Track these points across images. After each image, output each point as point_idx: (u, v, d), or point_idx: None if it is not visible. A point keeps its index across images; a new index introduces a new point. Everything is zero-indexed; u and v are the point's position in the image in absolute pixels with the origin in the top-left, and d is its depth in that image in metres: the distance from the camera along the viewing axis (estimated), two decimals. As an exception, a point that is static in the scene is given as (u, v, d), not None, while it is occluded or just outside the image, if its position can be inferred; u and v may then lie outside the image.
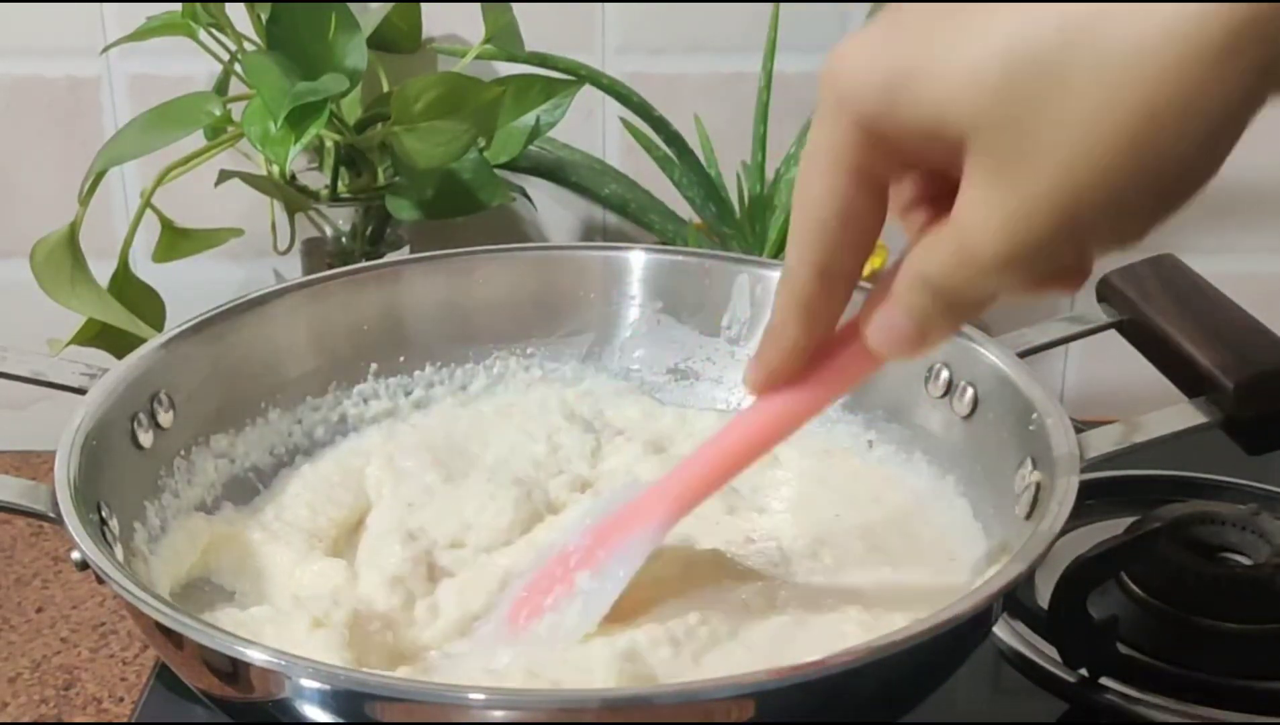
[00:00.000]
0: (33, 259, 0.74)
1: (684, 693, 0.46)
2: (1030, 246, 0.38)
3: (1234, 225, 0.91)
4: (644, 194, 0.85)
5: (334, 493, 0.67)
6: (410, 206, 0.79)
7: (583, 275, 0.75)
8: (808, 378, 0.48)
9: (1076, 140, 0.36)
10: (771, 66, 0.80)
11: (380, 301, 0.73)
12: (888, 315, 0.44)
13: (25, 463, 0.87)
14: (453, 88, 0.74)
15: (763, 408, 0.50)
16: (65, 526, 0.52)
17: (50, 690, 0.68)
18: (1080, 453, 0.56)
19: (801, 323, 0.46)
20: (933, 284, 0.41)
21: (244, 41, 0.78)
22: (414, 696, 0.46)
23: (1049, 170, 0.36)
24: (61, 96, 0.87)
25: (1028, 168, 0.37)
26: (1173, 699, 0.62)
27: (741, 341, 0.74)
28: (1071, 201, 0.37)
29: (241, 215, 0.84)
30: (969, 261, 0.39)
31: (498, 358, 0.75)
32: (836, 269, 0.44)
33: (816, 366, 0.48)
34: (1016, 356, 0.64)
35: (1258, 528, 0.68)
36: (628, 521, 0.55)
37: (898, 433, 0.68)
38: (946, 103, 0.37)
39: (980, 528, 0.62)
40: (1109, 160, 0.36)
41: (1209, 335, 0.62)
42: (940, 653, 0.51)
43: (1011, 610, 0.66)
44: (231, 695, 0.49)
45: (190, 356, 0.65)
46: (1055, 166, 0.36)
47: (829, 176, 0.42)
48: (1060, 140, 0.36)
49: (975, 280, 0.40)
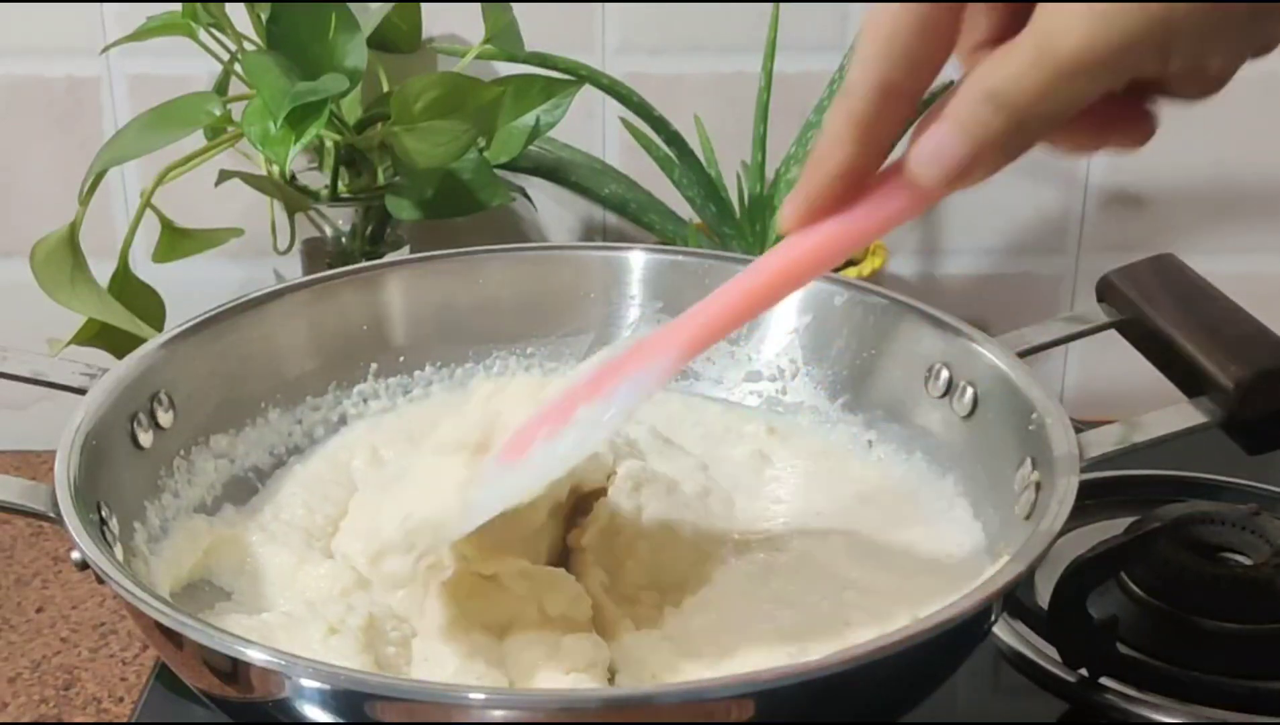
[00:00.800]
0: (33, 259, 0.74)
1: (684, 692, 0.46)
2: (1115, 43, 0.36)
3: (1234, 225, 0.91)
4: (644, 194, 0.85)
5: (327, 489, 0.67)
6: (410, 206, 0.79)
7: (583, 275, 0.75)
8: (842, 212, 0.45)
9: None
10: (771, 66, 0.80)
11: (380, 301, 0.73)
12: (938, 135, 0.41)
13: (25, 463, 0.87)
14: (453, 88, 0.74)
15: (790, 243, 0.47)
16: (65, 526, 0.52)
17: (50, 690, 0.68)
18: (1080, 453, 0.56)
19: (854, 142, 0.43)
20: (999, 94, 0.39)
21: (244, 41, 0.78)
22: (414, 696, 0.46)
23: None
24: (61, 96, 0.87)
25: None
26: (1173, 699, 0.62)
27: (741, 341, 0.74)
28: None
29: (241, 215, 0.84)
30: (1045, 60, 0.38)
31: (498, 358, 0.75)
32: (899, 87, 0.42)
33: (854, 203, 0.45)
34: (1016, 356, 0.64)
35: (1258, 528, 0.68)
36: (637, 357, 0.51)
37: (898, 433, 0.68)
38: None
39: (980, 528, 0.62)
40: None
41: (1209, 335, 0.62)
42: (940, 653, 0.51)
43: (1011, 610, 0.66)
44: (231, 695, 0.49)
45: (190, 356, 0.65)
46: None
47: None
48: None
49: (1049, 85, 0.38)
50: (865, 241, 0.47)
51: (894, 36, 0.41)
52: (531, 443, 0.51)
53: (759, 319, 0.72)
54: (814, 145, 0.44)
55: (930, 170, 0.42)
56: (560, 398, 0.52)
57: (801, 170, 0.44)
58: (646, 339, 0.51)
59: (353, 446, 0.69)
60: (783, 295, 0.49)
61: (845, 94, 0.43)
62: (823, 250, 0.46)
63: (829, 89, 0.80)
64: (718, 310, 0.49)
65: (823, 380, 0.71)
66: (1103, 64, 0.37)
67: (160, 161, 0.77)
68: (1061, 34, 0.37)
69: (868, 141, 0.43)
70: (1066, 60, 0.37)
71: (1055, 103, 0.39)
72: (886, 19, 0.41)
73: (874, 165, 0.44)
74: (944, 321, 0.67)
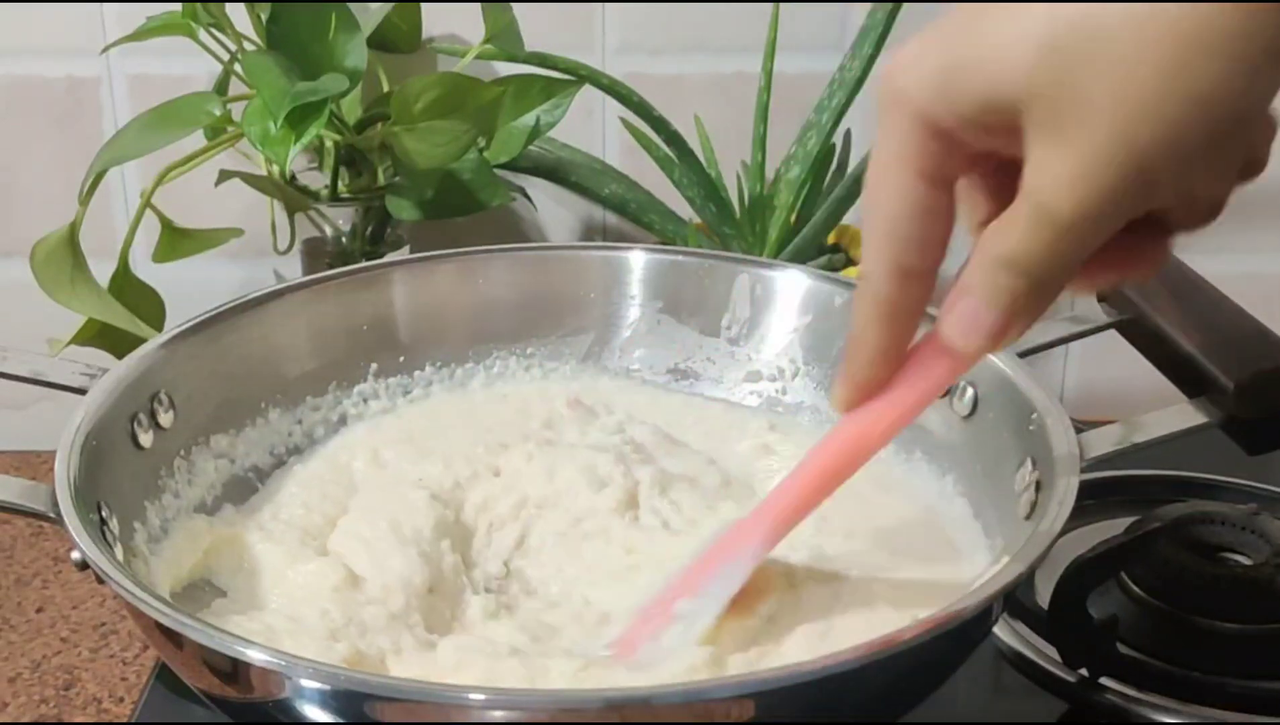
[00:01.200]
0: (33, 259, 0.74)
1: (684, 692, 0.46)
2: (1104, 197, 0.39)
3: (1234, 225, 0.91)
4: (644, 194, 0.85)
5: (327, 489, 0.66)
6: (410, 206, 0.79)
7: (583, 275, 0.75)
8: (892, 387, 0.48)
9: (1120, 84, 0.37)
10: (771, 66, 0.80)
11: (380, 301, 0.73)
12: (968, 308, 0.44)
13: (25, 463, 0.87)
14: (453, 88, 0.74)
15: (851, 421, 0.50)
16: (65, 526, 0.52)
17: (50, 690, 0.68)
18: (1080, 453, 0.56)
19: (882, 326, 0.46)
20: (1013, 261, 0.42)
21: (244, 41, 0.78)
22: (414, 696, 0.46)
23: (1103, 119, 0.38)
24: (61, 96, 0.87)
25: (1084, 121, 0.38)
26: (1173, 699, 0.62)
27: (741, 341, 0.74)
28: (1131, 144, 0.38)
29: (241, 215, 0.84)
30: (1048, 223, 0.40)
31: (498, 358, 0.75)
32: (913, 267, 0.45)
33: (900, 377, 0.48)
34: (1016, 356, 0.64)
35: (1258, 528, 0.68)
36: (726, 547, 0.55)
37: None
38: (997, 79, 0.39)
39: (980, 528, 0.62)
40: (1153, 94, 0.37)
41: (1209, 335, 0.62)
42: (940, 653, 0.51)
43: (1011, 610, 0.66)
44: (231, 695, 0.49)
45: (190, 356, 0.65)
46: (1108, 113, 0.38)
47: (897, 176, 0.43)
48: (1107, 89, 0.37)
49: (1057, 244, 0.40)
50: (919, 410, 0.50)
51: (896, 223, 0.44)
52: (639, 643, 0.54)
53: (759, 319, 0.73)
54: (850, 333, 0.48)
55: (970, 340, 0.45)
56: (660, 597, 0.55)
57: (801, 170, 0.45)
58: (731, 532, 0.55)
59: (353, 447, 0.70)
60: (851, 473, 0.52)
61: (865, 280, 0.46)
62: (881, 426, 0.50)
63: (829, 89, 0.80)
64: (792, 497, 0.53)
65: (823, 380, 0.71)
66: (1096, 216, 0.40)
67: (160, 161, 0.77)
68: (1052, 192, 0.40)
69: (895, 320, 0.46)
70: (1064, 220, 0.40)
71: (1065, 257, 0.41)
72: (883, 204, 0.44)
73: (907, 339, 0.47)
74: (944, 321, 0.67)
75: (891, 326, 0.47)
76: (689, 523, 0.63)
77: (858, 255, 0.84)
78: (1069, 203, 0.39)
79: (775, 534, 0.54)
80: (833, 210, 0.79)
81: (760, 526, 0.54)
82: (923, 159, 0.43)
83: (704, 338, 0.74)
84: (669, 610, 0.54)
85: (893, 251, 0.45)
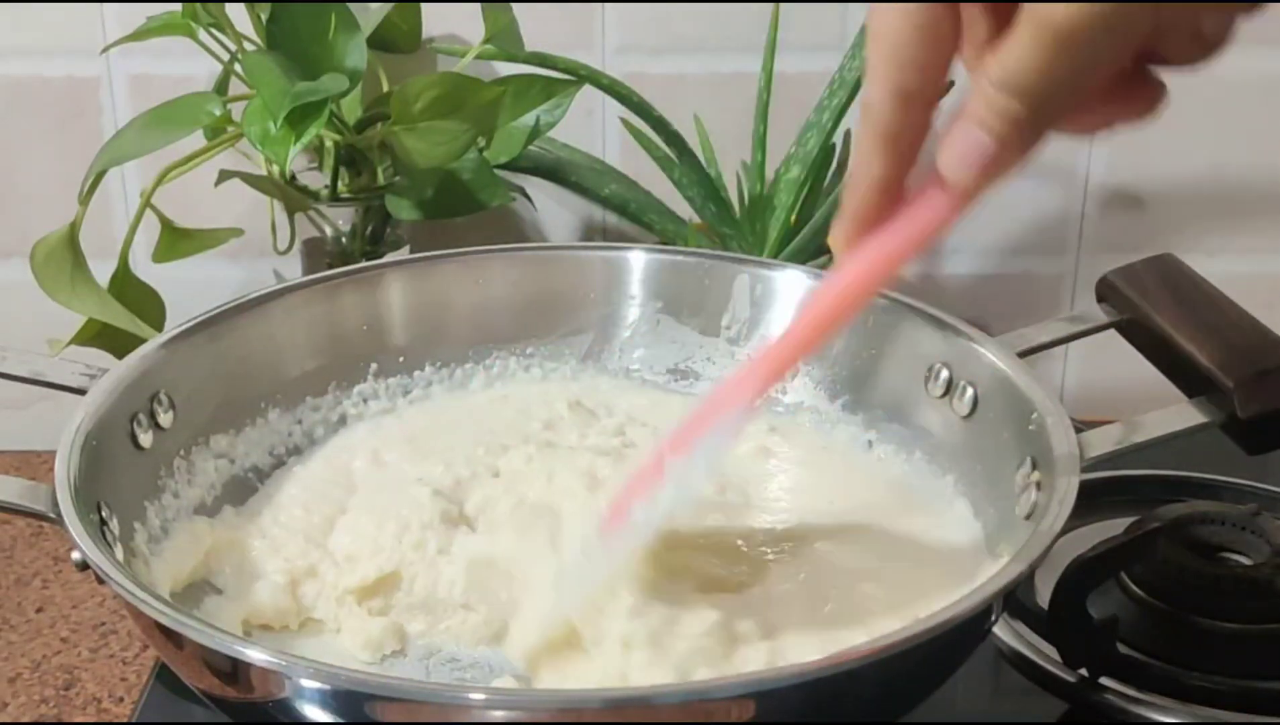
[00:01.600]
0: (33, 259, 0.74)
1: (684, 692, 0.46)
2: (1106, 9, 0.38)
3: (1234, 225, 0.91)
4: (644, 194, 0.85)
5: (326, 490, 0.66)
6: (410, 206, 0.79)
7: (583, 275, 0.75)
8: (890, 225, 0.47)
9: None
10: (771, 66, 0.80)
11: (380, 301, 0.73)
12: (962, 135, 0.43)
13: (25, 463, 0.87)
14: (453, 88, 0.74)
15: (850, 261, 0.48)
16: (65, 526, 0.52)
17: (50, 690, 0.68)
18: (1080, 453, 0.57)
19: (883, 153, 0.45)
20: (1010, 81, 0.41)
21: (244, 41, 0.78)
22: (414, 696, 0.46)
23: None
24: (61, 96, 0.87)
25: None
26: (1173, 699, 0.62)
27: (741, 341, 0.74)
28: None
29: (241, 215, 0.84)
30: (1044, 37, 0.39)
31: (497, 358, 0.75)
32: (915, 90, 0.44)
33: (895, 214, 0.47)
34: (1016, 356, 0.64)
35: (1258, 528, 0.68)
36: (717, 402, 0.53)
37: (898, 433, 0.68)
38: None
39: (980, 528, 0.62)
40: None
41: (1209, 335, 0.62)
42: (940, 653, 0.51)
43: (1011, 610, 0.66)
44: (231, 695, 0.49)
45: (190, 356, 0.65)
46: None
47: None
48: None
49: (1054, 59, 0.39)
50: (915, 250, 0.47)
51: (897, 43, 0.43)
52: (629, 510, 0.54)
53: (759, 319, 0.73)
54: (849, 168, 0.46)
55: (962, 170, 0.43)
56: (649, 459, 0.54)
57: (801, 170, 0.45)
58: (720, 385, 0.53)
59: (353, 448, 0.69)
60: (848, 316, 0.50)
61: (866, 108, 0.45)
62: (876, 265, 0.48)
63: (829, 89, 0.79)
64: (788, 342, 0.52)
65: (823, 380, 0.71)
66: (1098, 28, 0.38)
67: (160, 161, 0.77)
68: (1052, 13, 0.39)
69: (896, 150, 0.45)
70: (1064, 31, 0.39)
71: (1065, 76, 0.40)
72: (887, 27, 0.43)
73: (906, 170, 0.46)
74: (944, 321, 0.67)
75: (892, 154, 0.45)
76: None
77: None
78: (1069, 13, 0.38)
79: (767, 383, 0.52)
80: (832, 210, 0.79)
81: (753, 377, 0.52)
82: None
83: (704, 338, 0.74)
84: (659, 469, 0.53)
85: (896, 75, 0.44)
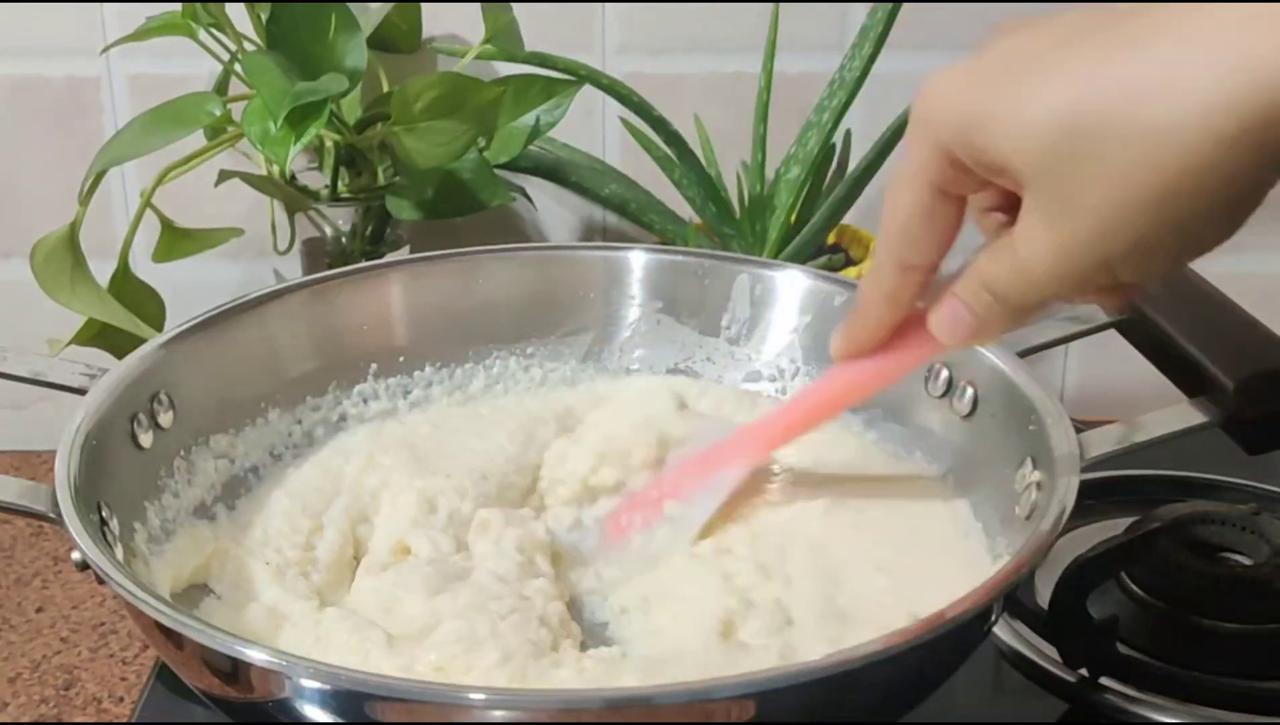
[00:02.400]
0: (33, 259, 0.74)
1: (684, 692, 0.46)
2: (1072, 273, 0.46)
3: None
4: (644, 194, 0.85)
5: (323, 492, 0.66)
6: (410, 206, 0.79)
7: (583, 275, 0.75)
8: (884, 351, 0.56)
9: (1109, 198, 0.43)
10: (771, 66, 0.80)
11: (380, 301, 0.73)
12: (953, 309, 0.51)
13: (25, 463, 0.87)
14: (453, 88, 0.74)
15: (845, 370, 0.58)
16: (65, 526, 0.52)
17: (50, 690, 0.68)
18: (1080, 453, 0.57)
19: (885, 307, 0.54)
20: (994, 290, 0.49)
21: (244, 41, 0.78)
22: (414, 696, 0.46)
23: (1090, 221, 0.44)
24: (61, 96, 0.87)
25: (1072, 216, 0.44)
26: (1173, 699, 0.62)
27: (741, 341, 0.74)
28: (1105, 244, 0.44)
29: (241, 215, 0.84)
30: (1024, 277, 0.47)
31: (497, 358, 0.75)
32: (916, 263, 0.52)
33: (892, 342, 0.56)
34: (1016, 356, 0.64)
35: (1258, 528, 0.68)
36: (716, 457, 0.64)
37: (898, 432, 0.68)
38: (1010, 152, 0.45)
39: (980, 528, 0.62)
40: (1134, 215, 0.43)
41: (1209, 335, 0.62)
42: (940, 653, 0.51)
43: (1011, 610, 0.66)
44: (231, 695, 0.49)
45: (190, 356, 0.65)
46: (1095, 217, 0.44)
47: (913, 188, 0.49)
48: (1097, 196, 0.43)
49: (1029, 292, 0.48)
50: (902, 375, 0.57)
51: (907, 227, 0.51)
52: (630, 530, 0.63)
53: (758, 319, 0.73)
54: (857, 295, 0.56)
55: (950, 337, 0.52)
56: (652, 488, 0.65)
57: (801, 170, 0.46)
58: (723, 443, 0.64)
59: (351, 452, 0.69)
60: (837, 412, 0.63)
61: (875, 269, 0.53)
62: (869, 380, 0.58)
63: (829, 89, 0.80)
64: (784, 422, 0.63)
65: (823, 380, 0.71)
66: (1066, 283, 0.46)
67: (160, 161, 0.77)
68: (1032, 259, 0.46)
69: (895, 305, 0.54)
70: (1038, 279, 0.47)
71: (1035, 300, 0.48)
72: (899, 207, 0.50)
73: (901, 315, 0.54)
74: (944, 321, 0.67)
75: (891, 307, 0.54)
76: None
77: (857, 255, 0.84)
78: (1043, 270, 0.46)
79: (764, 452, 0.64)
80: (833, 210, 0.79)
81: (752, 443, 0.63)
82: (938, 176, 0.48)
83: (704, 338, 0.74)
84: (659, 507, 0.63)
85: (900, 250, 0.51)
